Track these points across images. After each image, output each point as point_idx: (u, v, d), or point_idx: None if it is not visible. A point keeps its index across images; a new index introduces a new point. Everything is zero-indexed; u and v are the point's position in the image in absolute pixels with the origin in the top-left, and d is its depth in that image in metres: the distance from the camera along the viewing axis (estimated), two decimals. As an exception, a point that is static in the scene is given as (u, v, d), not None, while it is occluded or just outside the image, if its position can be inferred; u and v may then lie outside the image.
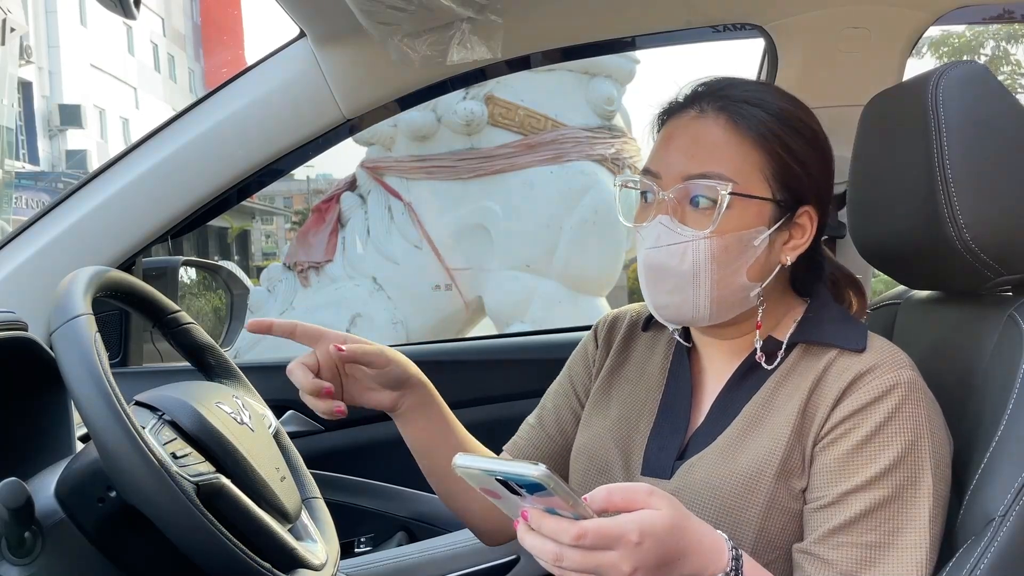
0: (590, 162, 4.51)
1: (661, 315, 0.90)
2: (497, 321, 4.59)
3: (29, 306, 1.03)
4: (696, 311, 0.87)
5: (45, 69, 21.31)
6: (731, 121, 0.86)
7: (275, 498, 0.85)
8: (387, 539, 1.58)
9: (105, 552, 0.76)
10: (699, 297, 0.86)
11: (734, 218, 0.84)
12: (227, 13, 31.96)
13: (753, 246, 0.86)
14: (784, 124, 0.87)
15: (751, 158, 0.85)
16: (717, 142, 0.86)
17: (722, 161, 0.85)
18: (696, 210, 0.85)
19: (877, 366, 0.82)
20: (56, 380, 0.78)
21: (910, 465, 0.79)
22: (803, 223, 0.89)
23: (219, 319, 3.02)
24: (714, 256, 0.85)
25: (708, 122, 0.87)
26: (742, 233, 0.85)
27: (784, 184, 0.86)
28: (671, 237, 0.85)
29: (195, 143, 1.34)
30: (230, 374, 1.04)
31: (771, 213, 0.86)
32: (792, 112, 0.88)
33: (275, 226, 28.18)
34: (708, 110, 0.87)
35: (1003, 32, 14.19)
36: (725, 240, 0.84)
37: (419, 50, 1.25)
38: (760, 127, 0.86)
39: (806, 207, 0.88)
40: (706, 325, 0.90)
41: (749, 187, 0.85)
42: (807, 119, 0.89)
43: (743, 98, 0.87)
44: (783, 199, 0.86)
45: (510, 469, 0.63)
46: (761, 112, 0.86)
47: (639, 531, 0.66)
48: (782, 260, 0.89)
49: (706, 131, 0.87)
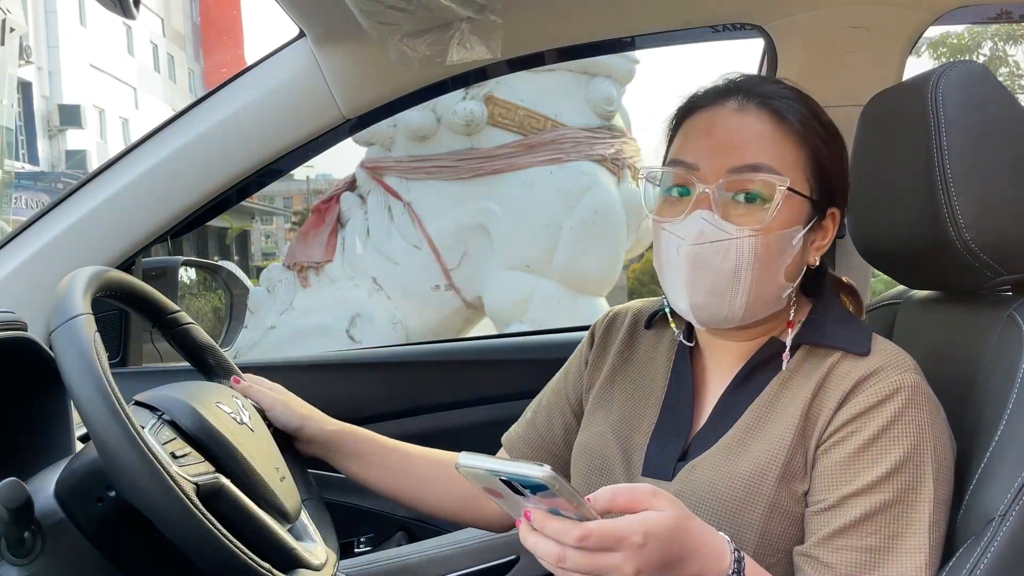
0: (590, 162, 4.51)
1: (697, 316, 0.87)
2: (497, 321, 4.60)
3: (29, 306, 1.03)
4: (732, 311, 0.85)
5: (45, 69, 21.31)
6: (776, 115, 0.85)
7: (275, 498, 0.85)
8: (387, 539, 1.57)
9: (104, 552, 0.76)
10: (736, 297, 0.84)
11: (781, 216, 0.83)
12: (227, 13, 31.97)
13: (791, 245, 0.85)
14: (819, 122, 0.87)
15: (795, 154, 0.85)
16: (766, 135, 0.84)
17: (772, 155, 0.83)
18: (742, 205, 0.83)
19: (881, 369, 0.82)
20: (56, 380, 0.77)
21: (912, 469, 0.78)
22: (827, 224, 0.89)
23: (219, 319, 3.02)
24: (758, 255, 0.82)
25: (752, 116, 0.85)
26: (785, 232, 0.84)
27: (820, 183, 0.86)
28: (715, 233, 0.82)
29: (195, 143, 1.34)
30: (230, 374, 1.04)
31: (808, 212, 0.86)
32: (820, 113, 0.89)
33: (275, 226, 28.18)
34: (750, 104, 0.85)
35: (1002, 32, 14.20)
36: (770, 238, 0.83)
37: (418, 50, 1.24)
38: (804, 123, 0.85)
39: (833, 208, 0.89)
40: (733, 326, 0.88)
41: (797, 184, 0.84)
42: (830, 121, 0.89)
43: (782, 95, 0.86)
44: (819, 198, 0.86)
45: (514, 469, 0.63)
46: (802, 108, 0.86)
47: (643, 532, 0.66)
48: (810, 261, 0.88)
49: (751, 124, 0.84)
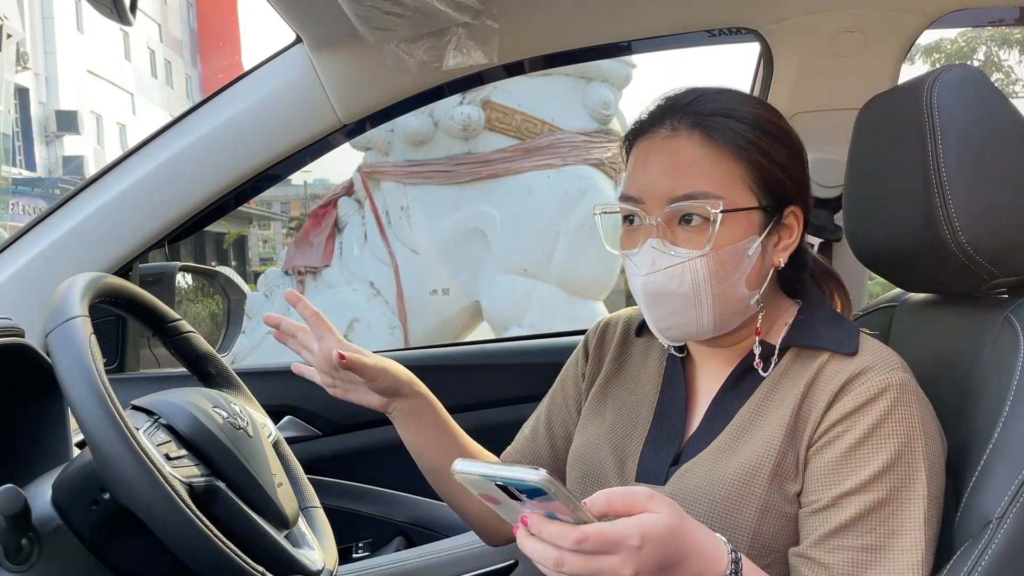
0: (587, 166, 4.52)
1: (666, 336, 0.89)
2: (494, 325, 4.60)
3: (26, 312, 1.03)
4: (700, 327, 0.87)
5: (42, 75, 21.29)
6: (706, 135, 0.85)
7: (271, 503, 0.85)
8: (385, 544, 1.57)
9: (101, 557, 0.76)
10: (702, 314, 0.86)
11: (727, 233, 0.84)
12: (224, 19, 31.98)
13: (748, 256, 0.86)
14: (758, 130, 0.86)
15: (732, 170, 0.85)
16: (696, 159, 0.85)
17: (705, 178, 0.84)
18: (687, 229, 0.85)
19: (868, 369, 0.82)
20: (53, 386, 0.77)
21: (904, 467, 0.79)
22: (790, 223, 0.89)
23: (216, 325, 3.02)
24: (712, 273, 0.84)
25: (682, 140, 0.86)
26: (736, 245, 0.85)
27: (767, 189, 0.86)
28: (666, 260, 0.85)
29: (192, 148, 1.34)
30: (230, 383, 1.04)
31: (760, 220, 0.86)
32: (763, 116, 0.88)
33: (272, 231, 28.17)
34: (680, 127, 0.86)
35: (997, 37, 14.25)
36: (721, 255, 0.84)
37: (415, 55, 1.25)
38: (736, 138, 0.85)
39: (791, 207, 0.89)
40: (709, 338, 0.90)
41: (736, 200, 0.85)
42: (777, 120, 0.89)
43: (713, 111, 0.86)
44: (768, 204, 0.87)
45: (510, 474, 0.63)
46: (734, 122, 0.86)
47: (640, 535, 0.66)
48: (775, 262, 0.89)
49: (682, 149, 0.85)
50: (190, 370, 1.03)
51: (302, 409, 1.56)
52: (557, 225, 4.42)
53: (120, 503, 0.73)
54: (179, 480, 0.73)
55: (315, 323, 0.99)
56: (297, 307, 0.99)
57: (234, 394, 1.02)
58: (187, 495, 0.72)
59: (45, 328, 0.75)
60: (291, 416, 1.56)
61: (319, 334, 0.99)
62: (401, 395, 1.02)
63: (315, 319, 0.99)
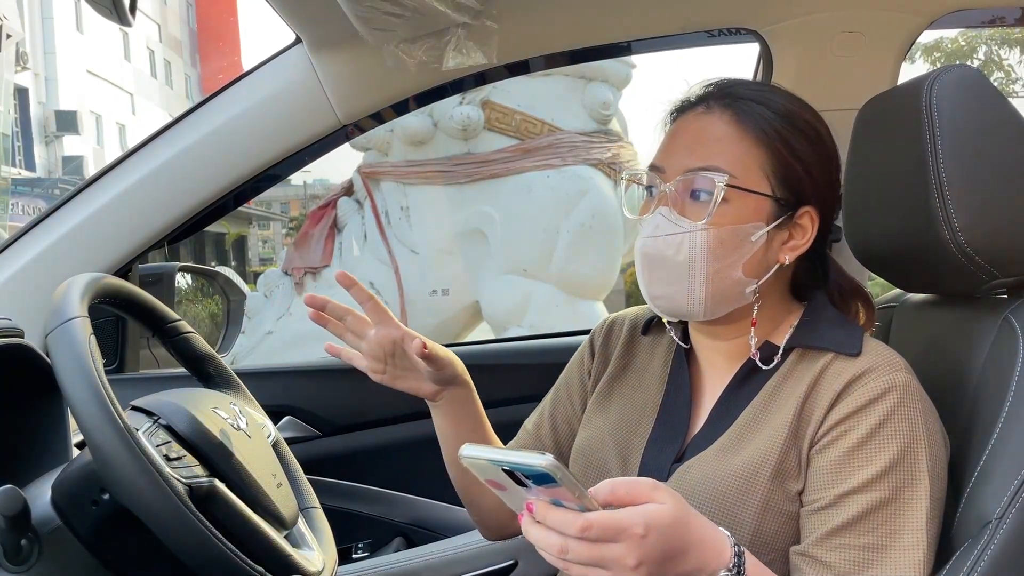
0: (587, 166, 4.52)
1: (656, 305, 0.91)
2: (494, 325, 4.60)
3: (25, 312, 1.03)
4: (691, 303, 0.88)
5: (41, 75, 21.30)
6: (735, 117, 0.88)
7: (270, 504, 0.85)
8: (384, 545, 1.57)
9: (100, 557, 0.76)
10: (694, 289, 0.87)
11: (731, 211, 0.86)
12: (223, 19, 31.99)
13: (750, 241, 0.87)
14: (787, 123, 0.88)
15: (752, 154, 0.87)
16: (719, 136, 0.87)
17: (722, 155, 0.86)
18: (696, 203, 0.87)
19: (872, 369, 0.83)
20: (53, 387, 0.77)
21: (906, 467, 0.79)
22: (804, 224, 0.89)
23: (216, 325, 3.02)
24: (710, 248, 0.86)
25: (713, 118, 0.89)
26: (738, 227, 0.86)
27: (785, 182, 0.87)
28: (669, 228, 0.87)
29: (191, 149, 1.34)
30: (230, 384, 1.04)
31: (770, 210, 0.87)
32: (796, 112, 0.90)
33: (272, 231, 28.17)
34: (714, 107, 0.89)
35: (997, 37, 14.24)
36: (721, 233, 0.86)
37: (415, 56, 1.25)
38: (763, 123, 0.87)
39: (807, 208, 0.89)
40: (701, 320, 0.90)
41: (748, 181, 0.86)
42: (812, 120, 0.90)
43: (749, 96, 0.89)
44: (783, 197, 0.87)
45: (517, 459, 0.63)
46: (764, 109, 0.88)
47: (644, 524, 0.66)
48: (780, 259, 0.89)
49: (710, 126, 0.88)
50: (190, 371, 1.03)
51: (302, 409, 1.56)
52: (557, 225, 4.41)
53: (120, 503, 0.73)
54: (179, 481, 0.73)
55: (373, 308, 0.98)
56: (351, 291, 0.99)
57: (234, 395, 1.02)
58: (187, 496, 0.72)
59: (45, 328, 0.75)
60: (291, 416, 1.56)
61: (378, 319, 0.98)
62: (454, 384, 1.03)
63: (372, 304, 0.98)
